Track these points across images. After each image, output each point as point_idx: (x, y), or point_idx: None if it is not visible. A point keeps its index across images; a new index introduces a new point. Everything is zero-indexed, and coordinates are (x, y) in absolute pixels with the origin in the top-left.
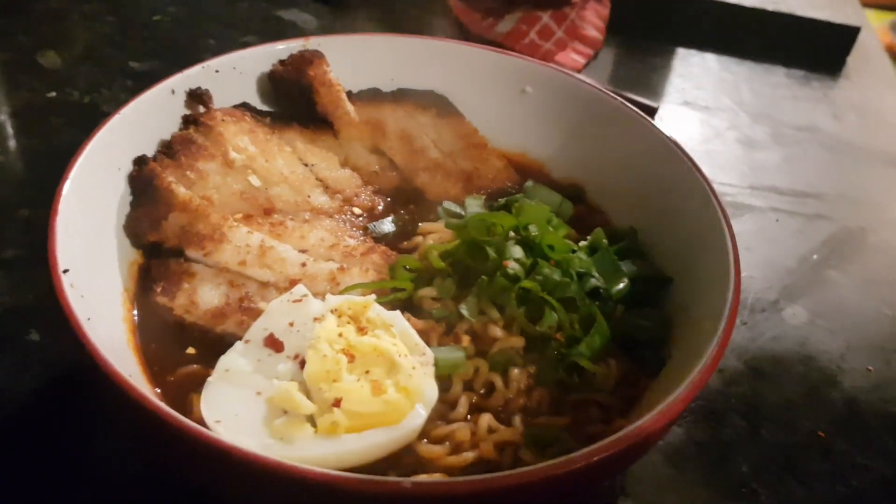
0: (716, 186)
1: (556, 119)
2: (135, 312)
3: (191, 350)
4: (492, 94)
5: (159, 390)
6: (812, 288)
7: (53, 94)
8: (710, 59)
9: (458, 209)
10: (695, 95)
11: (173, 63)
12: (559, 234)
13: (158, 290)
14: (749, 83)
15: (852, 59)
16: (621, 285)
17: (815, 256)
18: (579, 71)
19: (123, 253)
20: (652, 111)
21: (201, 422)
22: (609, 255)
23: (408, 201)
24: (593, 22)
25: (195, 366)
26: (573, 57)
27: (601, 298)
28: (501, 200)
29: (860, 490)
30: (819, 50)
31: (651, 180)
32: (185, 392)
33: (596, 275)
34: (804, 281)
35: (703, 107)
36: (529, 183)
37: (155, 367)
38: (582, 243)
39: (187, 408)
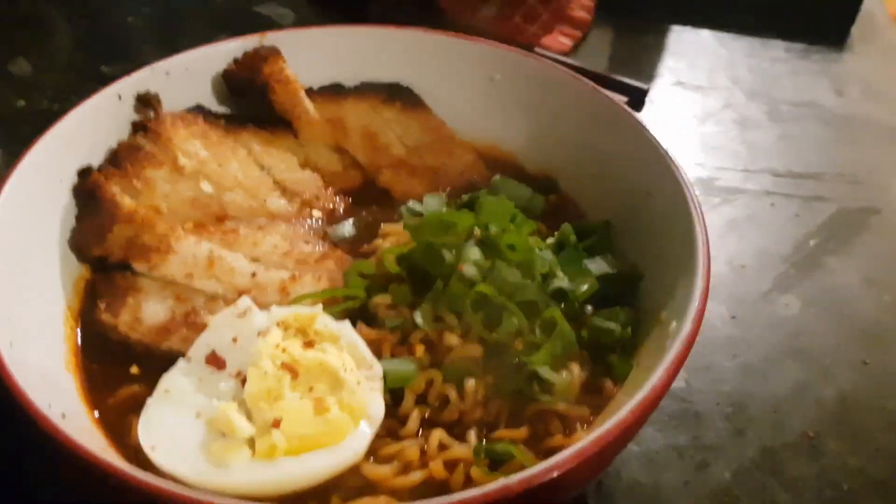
0: (709, 171)
1: (526, 107)
2: (79, 331)
3: (134, 369)
4: (459, 84)
5: (97, 413)
6: (808, 276)
7: (22, 102)
8: (705, 36)
9: (421, 208)
10: (689, 75)
11: (144, 65)
12: (523, 231)
13: (103, 306)
14: (746, 59)
15: (857, 30)
16: (587, 285)
17: (811, 242)
18: (567, 54)
19: (68, 269)
20: (643, 93)
21: (139, 447)
22: (576, 253)
23: (371, 202)
24: (581, 1)
25: (136, 386)
26: (560, 39)
27: (567, 300)
28: (465, 197)
29: (851, 493)
30: (821, 21)
31: (626, 171)
32: (125, 414)
33: (561, 274)
34: (799, 269)
35: (697, 86)
36: (497, 177)
37: (96, 388)
38: (549, 240)
39: (125, 431)
